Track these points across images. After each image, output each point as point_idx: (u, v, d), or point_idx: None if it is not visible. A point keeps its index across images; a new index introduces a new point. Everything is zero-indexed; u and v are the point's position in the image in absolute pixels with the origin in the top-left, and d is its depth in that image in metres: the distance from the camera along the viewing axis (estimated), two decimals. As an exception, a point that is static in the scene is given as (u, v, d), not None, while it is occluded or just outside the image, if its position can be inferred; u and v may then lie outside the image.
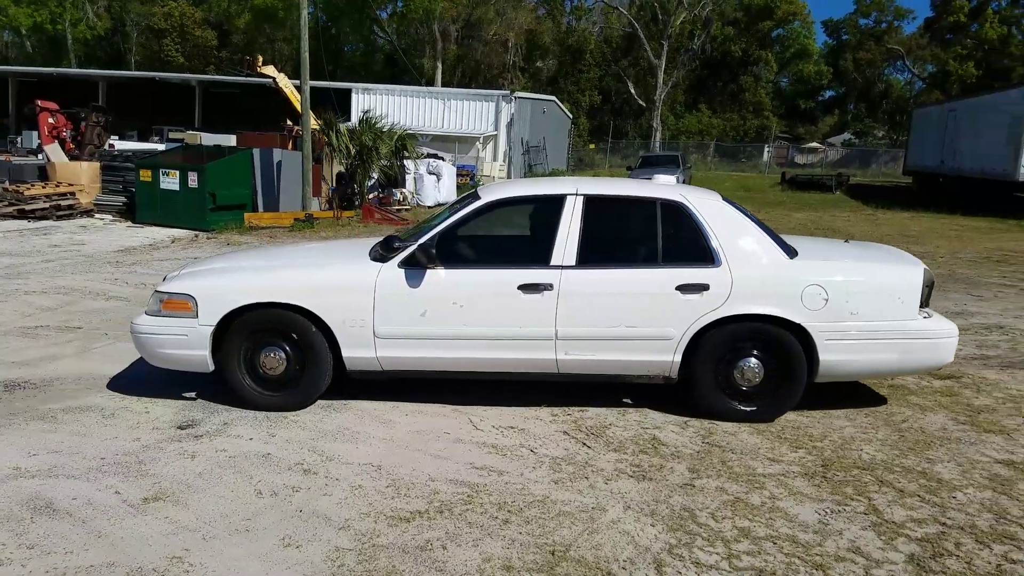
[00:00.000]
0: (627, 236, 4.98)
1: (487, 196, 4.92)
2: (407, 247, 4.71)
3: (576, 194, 4.84)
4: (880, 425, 4.67)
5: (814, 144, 53.61)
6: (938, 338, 4.77)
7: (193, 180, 13.87)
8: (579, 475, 3.85)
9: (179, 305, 4.70)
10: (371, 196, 18.45)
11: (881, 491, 3.73)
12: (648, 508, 3.50)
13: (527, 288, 4.62)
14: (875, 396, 5.20)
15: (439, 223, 4.88)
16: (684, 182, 24.12)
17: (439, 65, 41.69)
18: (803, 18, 54.64)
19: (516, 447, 4.20)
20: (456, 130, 28.33)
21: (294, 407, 4.75)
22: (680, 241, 4.78)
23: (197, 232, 13.46)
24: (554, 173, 31.40)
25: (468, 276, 4.75)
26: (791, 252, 4.82)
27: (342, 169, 17.93)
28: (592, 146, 46.93)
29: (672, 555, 3.08)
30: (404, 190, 19.51)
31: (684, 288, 4.62)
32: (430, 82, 39.43)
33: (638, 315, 4.65)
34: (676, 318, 4.64)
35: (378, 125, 18.14)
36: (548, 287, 4.62)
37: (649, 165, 24.89)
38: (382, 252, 4.81)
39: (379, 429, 4.44)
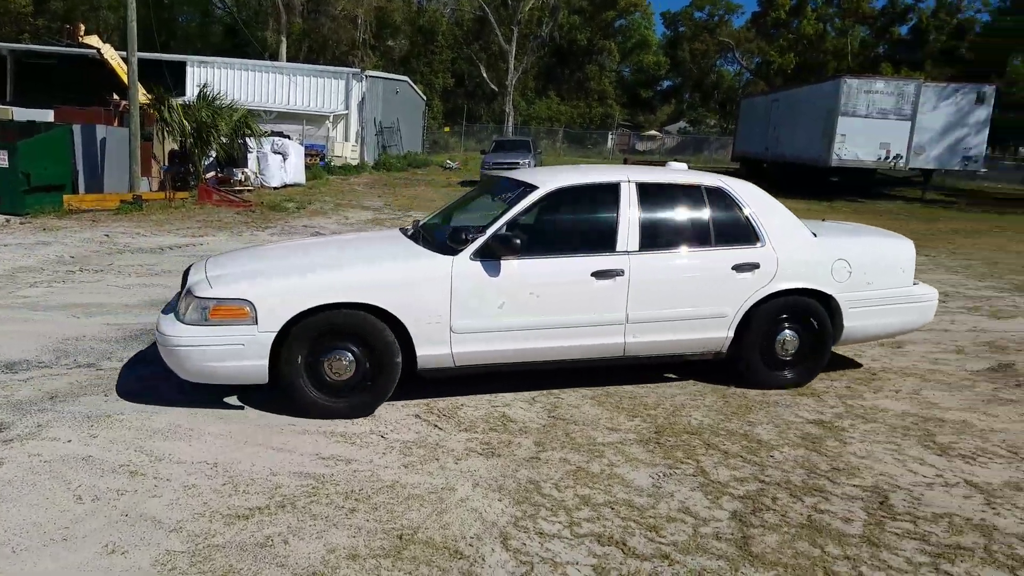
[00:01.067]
0: (679, 220, 5.07)
1: (546, 185, 4.85)
2: (478, 238, 4.55)
3: (629, 181, 4.96)
4: (708, 392, 5.02)
5: (653, 132, 56.47)
6: (927, 301, 5.48)
7: (2, 159, 12.46)
8: (430, 457, 3.86)
9: (233, 312, 4.20)
10: (209, 176, 17.39)
11: (708, 453, 4.02)
12: (496, 484, 3.57)
13: (600, 275, 4.69)
14: (701, 367, 5.56)
15: (500, 214, 4.70)
16: (535, 167, 24.77)
17: (283, 39, 39.73)
18: (643, 9, 57.16)
19: (366, 434, 4.14)
20: (303, 107, 27.21)
21: (362, 413, 4.42)
22: (727, 223, 5.05)
23: (9, 216, 12.12)
24: (409, 155, 31.02)
25: (543, 265, 4.66)
26: (814, 232, 5.28)
27: (176, 147, 16.75)
28: (447, 129, 46.78)
29: (517, 527, 3.16)
30: (246, 170, 18.53)
31: (739, 267, 4.95)
32: (274, 56, 37.51)
33: (699, 295, 4.91)
34: (731, 296, 4.95)
35: (217, 101, 17.10)
36: (620, 272, 4.72)
37: (502, 149, 25.19)
38: (451, 244, 4.62)
39: (215, 424, 4.21)
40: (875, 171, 24.11)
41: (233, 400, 4.60)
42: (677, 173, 5.44)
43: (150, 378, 4.89)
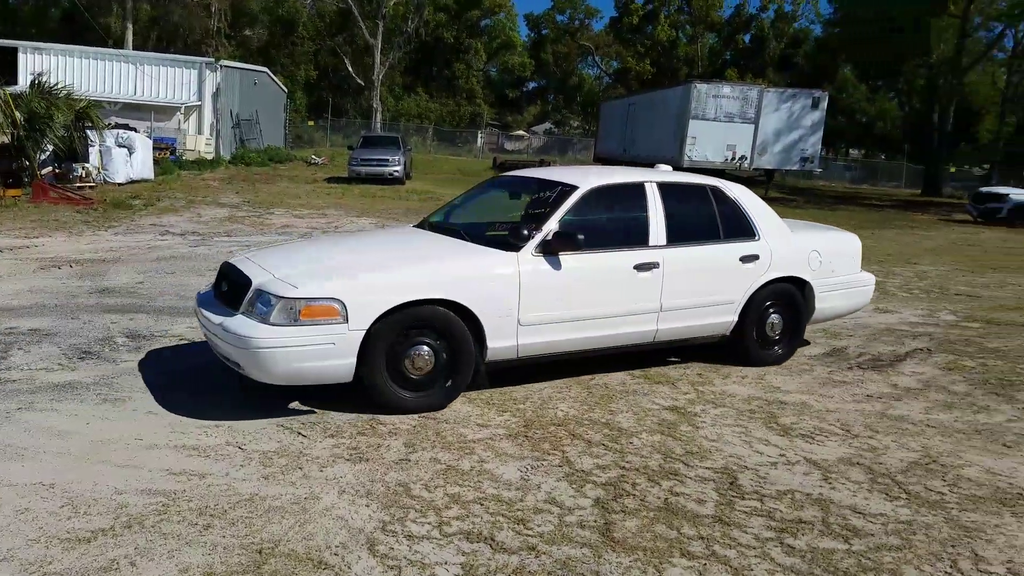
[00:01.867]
0: (696, 217, 5.61)
1: (584, 184, 5.21)
2: (537, 235, 4.82)
3: (651, 181, 5.46)
4: (573, 384, 5.17)
5: (521, 132, 57.41)
6: (869, 285, 6.45)
7: None
8: (292, 466, 3.72)
9: (324, 311, 4.17)
10: (45, 172, 15.91)
11: (573, 443, 4.13)
12: (364, 489, 3.49)
13: (640, 267, 5.14)
14: (566, 366, 5.72)
15: (549, 212, 5.00)
16: (406, 164, 24.50)
17: (129, 26, 36.91)
18: (508, 10, 57.92)
19: (222, 446, 3.93)
20: (152, 99, 25.45)
21: (439, 406, 4.55)
22: (731, 220, 5.67)
23: None
24: (269, 150, 29.74)
25: (594, 259, 5.00)
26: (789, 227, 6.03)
27: (6, 140, 15.20)
28: (311, 123, 45.28)
29: (385, 532, 3.11)
30: (87, 165, 17.12)
31: (744, 259, 5.58)
32: (119, 44, 34.77)
33: (716, 284, 5.52)
34: (739, 284, 5.59)
35: (54, 90, 15.69)
36: (656, 265, 5.18)
37: (371, 146, 24.72)
38: (512, 240, 4.86)
39: (52, 442, 3.86)
40: (724, 171, 25.72)
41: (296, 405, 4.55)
42: (681, 173, 6.18)
43: (-28, 396, 4.41)
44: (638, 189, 5.44)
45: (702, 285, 5.44)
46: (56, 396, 4.49)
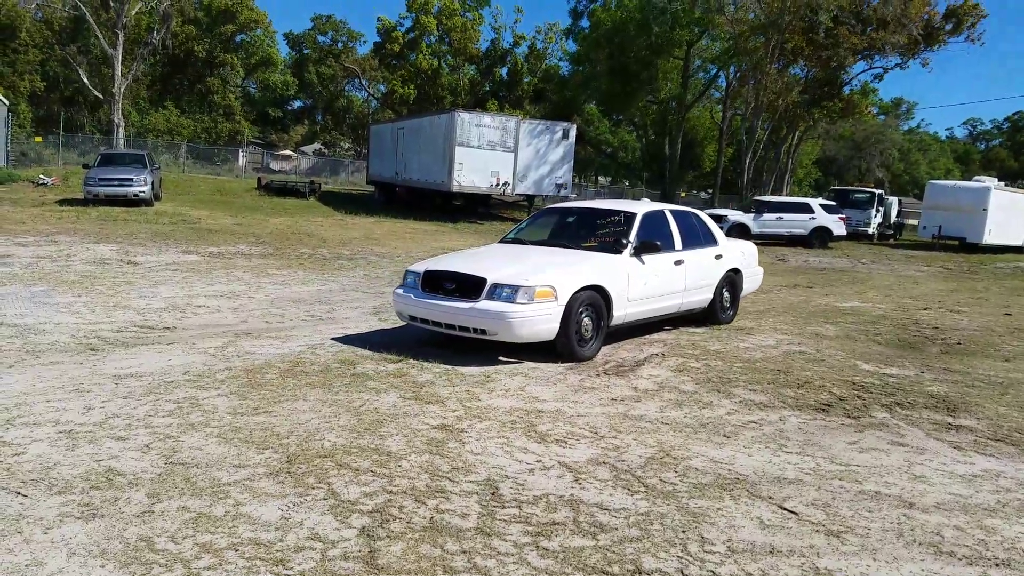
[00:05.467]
0: (689, 231, 8.56)
1: (639, 211, 8.11)
2: (629, 244, 7.55)
3: (667, 209, 8.59)
4: (342, 412, 5.08)
5: (288, 152, 55.37)
6: (760, 274, 10.08)
7: None
8: (11, 531, 3.25)
9: (546, 293, 6.64)
10: None
11: (340, 474, 4.06)
12: (98, 548, 3.14)
13: (676, 263, 8.09)
14: (337, 386, 5.62)
15: (628, 228, 7.77)
16: (154, 184, 22.44)
17: None
18: (265, 27, 55.75)
19: (-86, 517, 3.32)
20: None
21: (594, 355, 7.05)
22: (704, 232, 8.86)
23: None
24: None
25: (657, 259, 7.75)
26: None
27: None
28: (39, 139, 39.82)
29: (124, 594, 2.83)
30: None
31: (716, 257, 8.84)
32: None
33: (706, 273, 8.65)
34: (715, 273, 8.83)
35: None
36: (683, 262, 8.17)
37: (111, 163, 22.38)
38: (616, 247, 7.58)
39: None
40: (490, 196, 26.87)
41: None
42: (677, 206, 9.56)
43: None
44: (661, 213, 8.36)
45: (702, 274, 8.47)
46: None
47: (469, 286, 6.72)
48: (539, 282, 6.56)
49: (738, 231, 25.19)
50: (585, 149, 50.54)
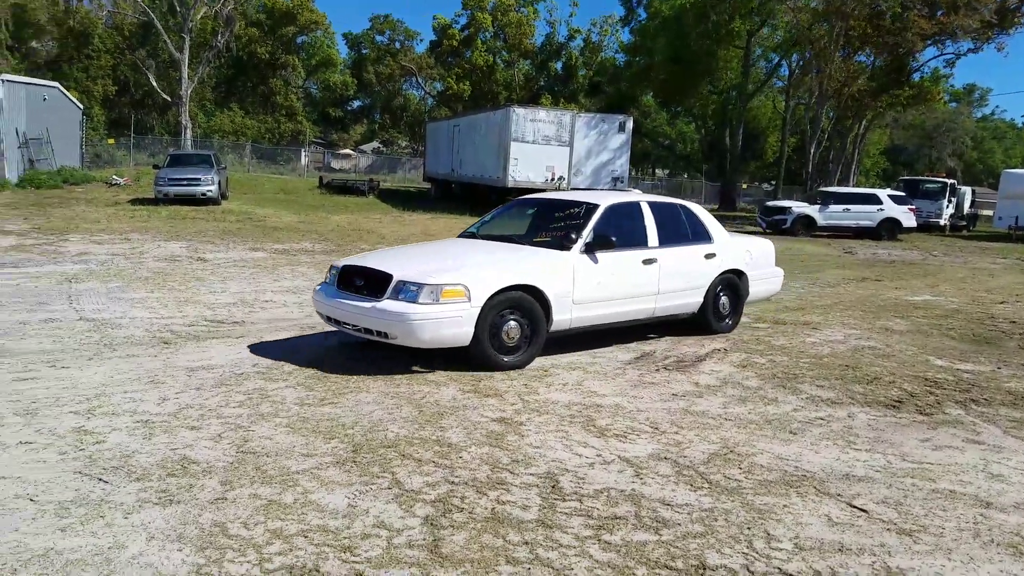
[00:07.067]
0: (673, 226, 7.47)
1: (603, 203, 7.04)
2: (580, 239, 6.60)
3: (643, 201, 7.46)
4: (403, 404, 5.17)
5: (348, 151, 56.40)
6: (780, 276, 8.72)
7: None
8: (93, 516, 3.41)
9: (456, 292, 5.90)
10: None
11: (403, 464, 4.13)
12: (175, 533, 3.28)
13: (646, 262, 7.01)
14: (398, 378, 5.72)
15: (584, 222, 6.76)
16: (221, 183, 23.17)
17: None
18: (325, 28, 56.79)
19: (10, 499, 3.53)
20: (-88, 116, 22.30)
21: (523, 365, 6.21)
22: (695, 228, 7.69)
23: None
24: (64, 171, 26.97)
25: (616, 256, 6.75)
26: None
27: None
28: (112, 141, 41.58)
29: (200, 575, 2.94)
30: None
31: (707, 256, 7.60)
32: None
33: (691, 274, 7.44)
34: (705, 274, 7.57)
35: None
36: (655, 260, 7.06)
37: (180, 163, 23.17)
38: (564, 243, 6.62)
39: None
40: (545, 191, 26.80)
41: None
42: (656, 196, 8.43)
43: None
44: (636, 206, 7.32)
45: (683, 274, 7.33)
46: None
47: (376, 283, 6.04)
48: (447, 280, 5.81)
49: (803, 223, 24.58)
50: (642, 141, 49.87)
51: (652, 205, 7.39)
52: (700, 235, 7.67)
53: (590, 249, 6.59)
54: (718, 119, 47.92)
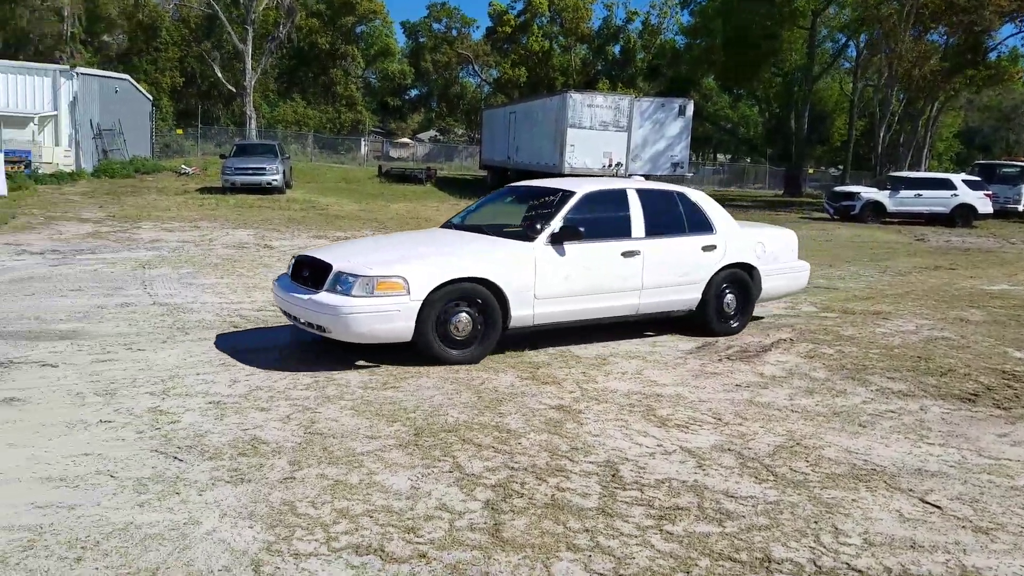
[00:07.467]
0: (665, 215, 6.87)
1: (580, 190, 6.58)
2: (547, 229, 6.13)
3: (631, 188, 6.83)
4: (463, 390, 5.22)
5: (405, 140, 56.98)
6: (805, 270, 7.88)
7: None
8: (169, 492, 3.56)
9: (392, 285, 5.61)
10: None
11: (464, 448, 4.17)
12: (246, 511, 3.39)
13: (626, 254, 6.46)
14: (457, 366, 5.77)
15: (555, 211, 6.30)
16: (285, 172, 23.73)
17: (-33, 29, 33.91)
18: (383, 17, 57.29)
19: (91, 475, 3.70)
20: (0, 109, 23.45)
21: (475, 361, 5.81)
22: (693, 217, 7.01)
23: None
24: (135, 160, 28.06)
25: (590, 247, 6.26)
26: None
27: None
28: (180, 131, 43.02)
29: (271, 552, 3.04)
30: (-76, 181, 15.60)
31: (705, 248, 6.92)
32: (-44, 49, 31.90)
33: (684, 267, 6.79)
34: (702, 268, 6.89)
35: None
36: (637, 252, 6.49)
37: (245, 153, 23.82)
38: (528, 233, 6.20)
39: None
40: (602, 177, 26.58)
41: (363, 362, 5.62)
42: (653, 182, 7.74)
43: None
44: (621, 193, 6.78)
45: (673, 268, 6.74)
46: None
47: (319, 274, 5.79)
48: (383, 272, 5.51)
49: (872, 209, 23.74)
50: (703, 125, 48.90)
51: (642, 193, 6.81)
52: (698, 225, 6.98)
53: (557, 240, 6.11)
54: (782, 102, 46.61)
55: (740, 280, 7.19)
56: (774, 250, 7.47)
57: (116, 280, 9.14)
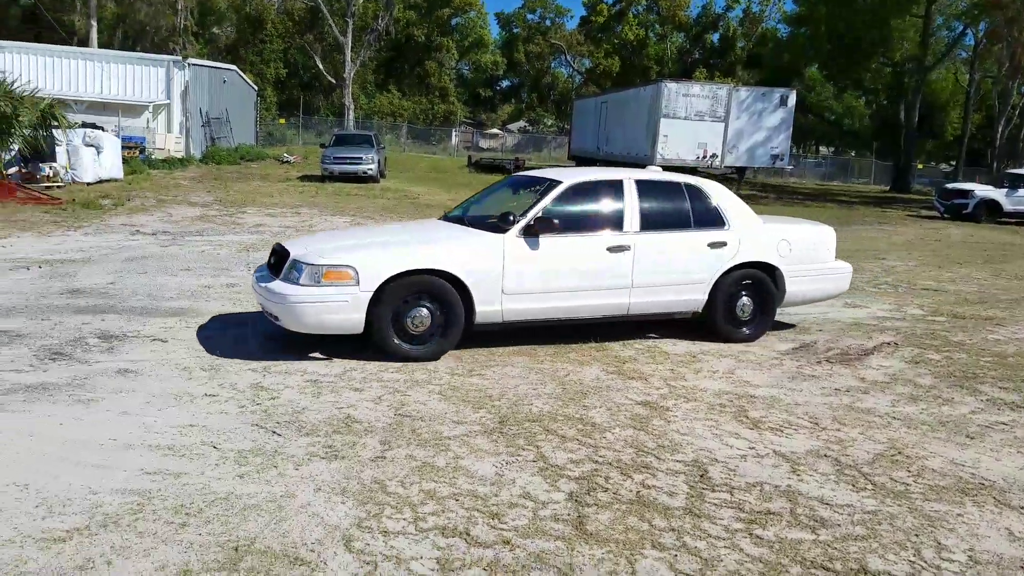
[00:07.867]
0: (668, 208, 6.36)
1: (568, 180, 6.15)
2: (521, 220, 5.75)
3: (629, 179, 6.28)
4: (547, 380, 5.22)
5: (495, 130, 57.39)
6: (844, 273, 7.05)
7: None
8: (267, 465, 3.72)
9: (340, 275, 5.44)
10: (11, 172, 15.64)
11: (547, 439, 4.18)
12: (339, 487, 3.51)
13: (613, 249, 5.97)
14: (541, 354, 5.78)
15: (535, 202, 5.92)
16: (380, 162, 24.37)
17: (94, 24, 36.21)
18: (478, 8, 57.78)
19: (197, 445, 3.92)
20: (119, 97, 25.02)
21: (434, 358, 5.53)
22: (701, 211, 6.39)
23: None
24: (241, 148, 29.43)
25: (571, 241, 5.88)
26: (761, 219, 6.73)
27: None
28: (282, 120, 44.83)
29: (361, 528, 3.14)
30: (55, 164, 16.84)
31: (712, 244, 6.29)
32: (83, 43, 34.12)
33: (684, 265, 6.22)
34: (707, 267, 6.28)
35: (16, 90, 15.41)
36: (627, 248, 5.98)
37: (343, 143, 24.54)
38: (500, 225, 5.80)
39: (25, 443, 3.82)
40: (696, 169, 25.97)
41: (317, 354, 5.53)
42: (663, 173, 7.04)
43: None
44: (616, 184, 6.28)
45: (670, 266, 6.18)
46: (28, 397, 4.45)
47: (281, 263, 5.69)
48: (331, 261, 5.34)
49: (987, 208, 22.26)
50: (805, 117, 46.99)
51: (641, 184, 6.27)
52: (708, 220, 6.36)
53: (531, 232, 5.72)
54: (891, 93, 44.14)
55: (759, 281, 6.50)
56: (804, 249, 6.68)
57: (222, 261, 9.61)
